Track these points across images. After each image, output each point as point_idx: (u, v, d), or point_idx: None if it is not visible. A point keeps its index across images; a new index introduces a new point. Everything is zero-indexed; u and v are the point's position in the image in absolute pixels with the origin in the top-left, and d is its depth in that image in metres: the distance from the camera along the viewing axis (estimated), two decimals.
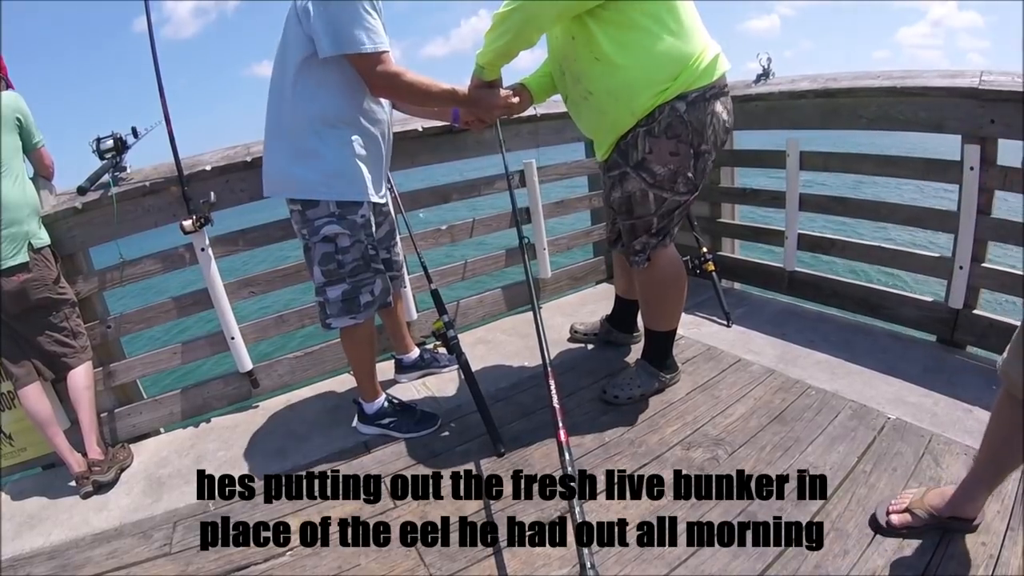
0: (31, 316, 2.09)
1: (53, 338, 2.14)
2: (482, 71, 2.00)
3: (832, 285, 2.95)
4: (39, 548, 1.89)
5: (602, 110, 1.97)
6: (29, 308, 2.07)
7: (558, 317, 3.11)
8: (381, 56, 1.80)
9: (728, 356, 2.55)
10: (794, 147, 2.86)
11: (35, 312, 2.10)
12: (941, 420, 1.97)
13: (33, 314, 2.10)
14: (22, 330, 2.10)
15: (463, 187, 3.05)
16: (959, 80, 2.26)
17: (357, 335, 2.12)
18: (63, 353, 2.17)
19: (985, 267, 2.33)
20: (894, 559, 1.45)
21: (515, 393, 2.44)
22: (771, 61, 3.12)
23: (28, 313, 2.08)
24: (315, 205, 1.91)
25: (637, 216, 2.06)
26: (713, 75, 1.89)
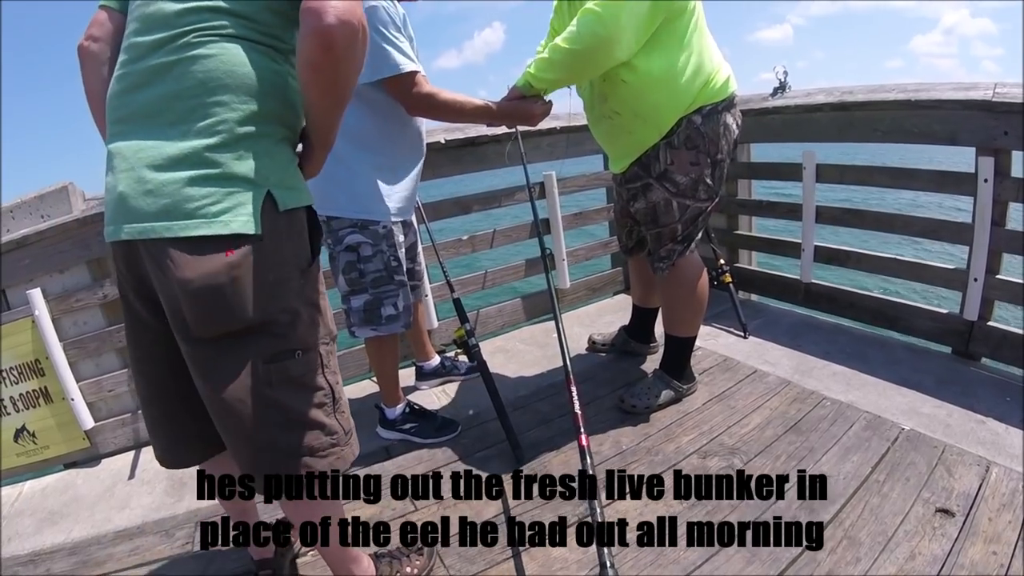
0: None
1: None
2: (530, 88, 2.03)
3: (848, 297, 2.97)
4: (60, 544, 1.92)
5: (629, 130, 2.05)
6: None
7: (576, 327, 3.15)
8: (415, 78, 1.86)
9: (745, 367, 2.58)
10: (810, 159, 2.89)
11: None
12: (955, 431, 1.98)
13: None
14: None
15: (484, 198, 3.11)
16: (972, 92, 2.29)
17: (383, 344, 2.18)
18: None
19: (1000, 279, 2.34)
20: (905, 567, 1.47)
21: (534, 401, 2.48)
22: (787, 74, 3.14)
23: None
24: (338, 217, 1.97)
25: (663, 224, 2.12)
26: (726, 92, 2.00)
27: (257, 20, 1.10)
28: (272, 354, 1.14)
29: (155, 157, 1.03)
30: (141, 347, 1.28)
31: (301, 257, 1.19)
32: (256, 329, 1.12)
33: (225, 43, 1.07)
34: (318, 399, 1.22)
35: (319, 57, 1.02)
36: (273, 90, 1.13)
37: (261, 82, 1.10)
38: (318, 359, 1.22)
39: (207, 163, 1.04)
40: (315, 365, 1.21)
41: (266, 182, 1.10)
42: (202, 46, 1.05)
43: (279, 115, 1.15)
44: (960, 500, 1.66)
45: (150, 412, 1.35)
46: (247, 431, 1.17)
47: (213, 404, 1.16)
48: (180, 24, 1.05)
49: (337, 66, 1.04)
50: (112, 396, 2.46)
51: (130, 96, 1.08)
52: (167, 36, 1.06)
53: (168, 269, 1.04)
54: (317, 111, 1.15)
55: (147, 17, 1.09)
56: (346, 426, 1.30)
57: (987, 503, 1.64)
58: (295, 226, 1.17)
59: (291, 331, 1.16)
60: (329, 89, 1.09)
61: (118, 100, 1.11)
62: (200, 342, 1.11)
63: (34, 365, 2.33)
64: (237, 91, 1.07)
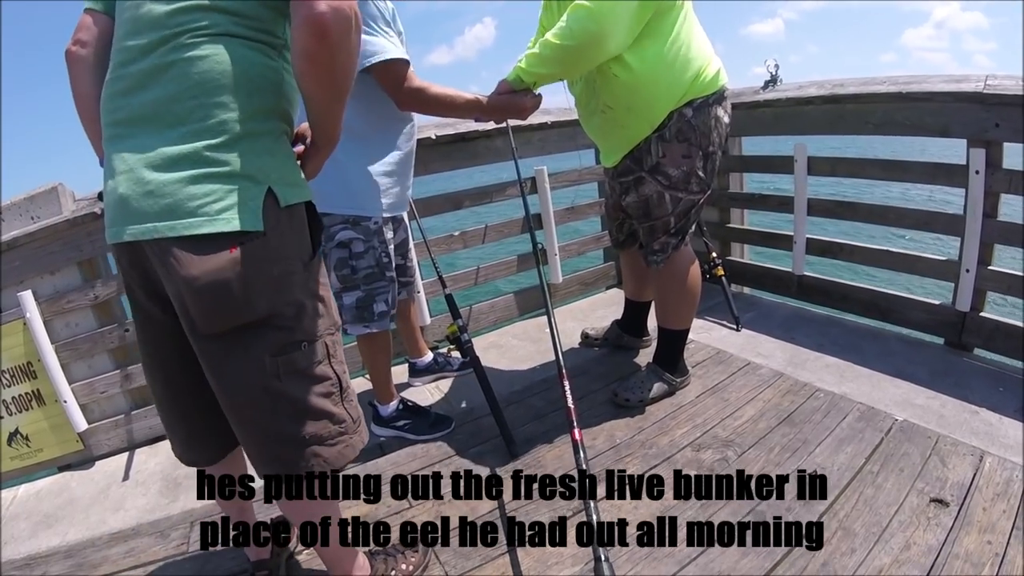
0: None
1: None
2: (521, 83, 2.01)
3: (841, 289, 2.97)
4: (56, 547, 1.91)
5: (621, 123, 2.04)
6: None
7: (569, 322, 3.15)
8: (405, 70, 1.85)
9: (738, 360, 2.59)
10: (802, 152, 2.89)
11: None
12: (948, 422, 1.99)
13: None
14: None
15: (475, 194, 3.11)
16: (964, 85, 2.29)
17: (374, 341, 2.17)
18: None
19: (992, 270, 2.35)
20: (900, 558, 1.47)
21: (527, 396, 2.48)
22: (779, 67, 3.15)
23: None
24: (330, 213, 1.96)
25: (655, 217, 2.12)
26: (716, 85, 2.00)
27: (248, 16, 1.09)
28: (279, 347, 1.16)
29: (155, 158, 1.04)
30: (153, 346, 1.30)
31: (303, 251, 1.20)
32: (262, 323, 1.13)
33: (218, 42, 1.06)
34: (326, 389, 1.24)
35: (313, 47, 1.01)
36: (269, 86, 1.13)
37: (256, 79, 1.10)
38: (324, 350, 1.23)
39: (207, 162, 1.04)
40: (322, 356, 1.23)
41: (267, 179, 1.10)
42: (195, 47, 1.04)
43: (277, 111, 1.15)
44: (954, 490, 1.67)
45: (165, 411, 1.38)
46: (258, 423, 1.20)
47: (224, 398, 1.18)
48: (171, 25, 1.05)
49: (333, 55, 1.03)
50: (105, 398, 2.45)
51: (125, 99, 1.08)
52: (159, 38, 1.05)
53: (173, 268, 1.05)
54: (316, 105, 1.14)
55: (137, 19, 1.09)
56: (354, 414, 1.32)
57: (981, 493, 1.65)
58: (296, 221, 1.18)
59: (297, 324, 1.18)
60: (326, 80, 1.08)
61: (113, 103, 1.11)
62: (208, 338, 1.12)
63: (26, 368, 2.31)
64: (233, 90, 1.06)
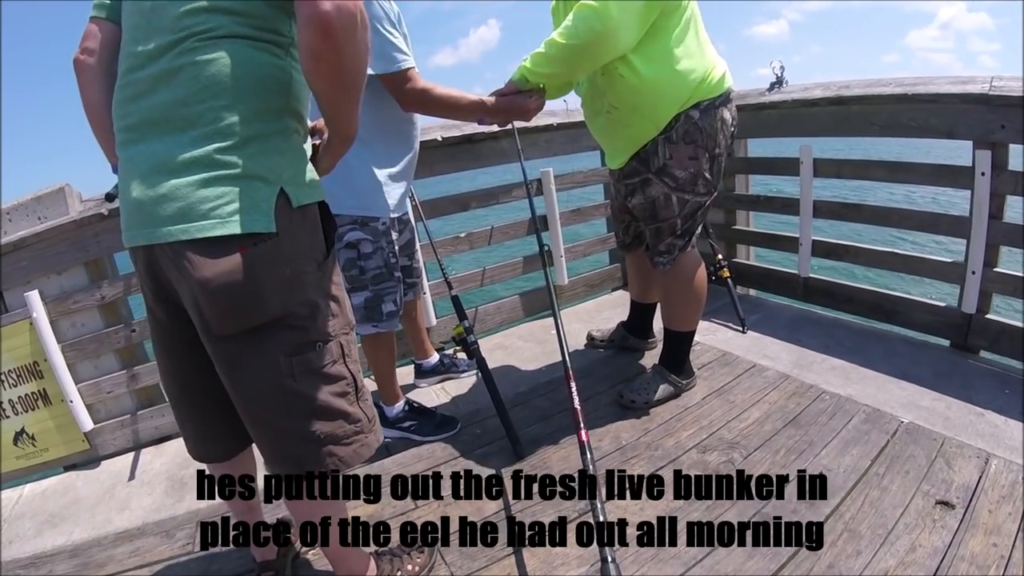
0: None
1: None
2: (526, 82, 2.01)
3: (846, 291, 2.97)
4: (61, 546, 1.92)
5: (626, 124, 2.05)
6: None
7: (575, 323, 3.15)
8: (409, 73, 1.85)
9: (743, 361, 2.58)
10: (807, 154, 2.89)
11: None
12: (954, 424, 1.99)
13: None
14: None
15: (482, 195, 3.11)
16: (969, 86, 2.29)
17: (379, 341, 2.17)
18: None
19: (997, 272, 2.35)
20: (905, 560, 1.47)
21: (533, 397, 2.48)
22: (784, 69, 3.15)
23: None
24: (338, 214, 1.97)
25: (662, 219, 2.13)
26: (722, 87, 2.00)
27: (252, 15, 1.10)
28: (294, 347, 1.16)
29: (167, 162, 1.05)
30: (166, 348, 1.31)
31: (317, 250, 1.20)
32: (277, 323, 1.14)
33: (224, 44, 1.07)
34: (341, 388, 1.25)
35: (319, 44, 1.00)
36: (278, 86, 1.13)
37: (265, 79, 1.10)
38: (339, 349, 1.24)
39: (219, 164, 1.05)
40: (336, 355, 1.23)
41: (279, 179, 1.11)
42: (202, 51, 1.05)
43: (287, 110, 1.15)
44: (960, 492, 1.67)
45: (179, 410, 1.38)
46: (273, 423, 1.20)
47: (239, 398, 1.19)
48: (177, 29, 1.06)
49: (339, 52, 1.02)
50: (111, 398, 2.46)
51: (135, 104, 1.09)
52: (166, 43, 1.06)
53: (187, 270, 1.05)
54: (327, 102, 1.14)
55: (144, 25, 1.10)
56: (369, 414, 1.33)
57: (987, 495, 1.64)
58: (309, 221, 1.18)
59: (311, 323, 1.18)
60: (334, 77, 1.07)
61: (123, 108, 1.12)
62: (223, 339, 1.13)
63: (32, 367, 2.32)
64: (242, 91, 1.07)
